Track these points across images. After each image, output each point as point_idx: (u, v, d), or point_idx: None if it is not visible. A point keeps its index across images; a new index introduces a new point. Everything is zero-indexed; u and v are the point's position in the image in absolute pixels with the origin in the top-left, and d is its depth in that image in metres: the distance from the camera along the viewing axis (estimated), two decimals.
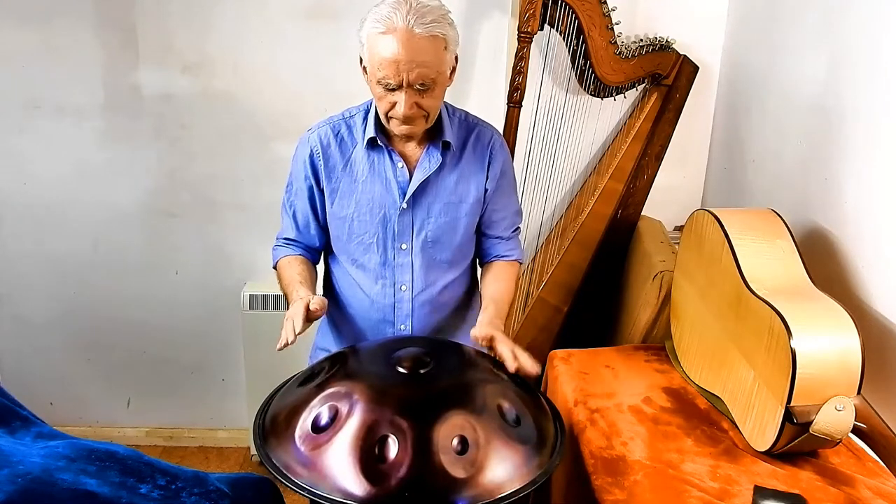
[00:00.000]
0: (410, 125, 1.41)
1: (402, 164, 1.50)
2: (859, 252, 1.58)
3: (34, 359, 2.58)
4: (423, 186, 1.50)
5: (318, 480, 1.07)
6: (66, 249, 2.46)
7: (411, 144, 1.51)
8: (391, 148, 1.50)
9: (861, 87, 1.59)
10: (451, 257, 1.57)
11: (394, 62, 1.32)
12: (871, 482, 1.32)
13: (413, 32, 1.31)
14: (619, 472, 1.36)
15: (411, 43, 1.31)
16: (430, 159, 1.50)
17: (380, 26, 1.33)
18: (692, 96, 2.29)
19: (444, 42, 1.36)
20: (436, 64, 1.35)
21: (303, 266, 1.55)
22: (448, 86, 1.44)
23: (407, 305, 1.56)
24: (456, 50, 1.41)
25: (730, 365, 1.51)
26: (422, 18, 1.32)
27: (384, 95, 1.38)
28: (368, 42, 1.36)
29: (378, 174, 1.50)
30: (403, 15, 1.31)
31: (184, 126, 2.35)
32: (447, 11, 1.38)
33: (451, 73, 1.43)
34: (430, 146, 1.50)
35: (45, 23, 2.23)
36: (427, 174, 1.49)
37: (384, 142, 1.49)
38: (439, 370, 1.22)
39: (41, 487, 1.02)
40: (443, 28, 1.35)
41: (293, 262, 1.55)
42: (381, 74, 1.34)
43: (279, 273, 1.57)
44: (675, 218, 2.39)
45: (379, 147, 1.49)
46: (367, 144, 1.49)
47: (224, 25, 2.25)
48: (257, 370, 2.45)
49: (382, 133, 1.49)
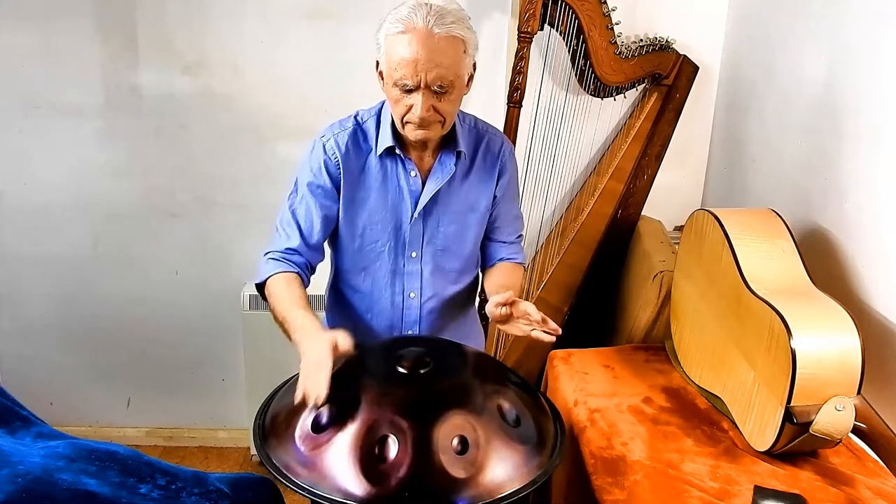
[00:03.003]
0: (426, 130, 1.39)
1: (416, 172, 1.48)
2: (859, 252, 1.58)
3: (34, 359, 2.58)
4: (434, 196, 1.48)
5: (318, 480, 1.07)
6: (66, 249, 2.46)
7: (425, 153, 1.49)
8: (406, 157, 1.47)
9: (861, 86, 1.59)
10: (460, 265, 1.56)
11: (412, 62, 1.30)
12: (871, 482, 1.32)
13: (432, 32, 1.30)
14: (619, 472, 1.36)
15: (430, 42, 1.30)
16: (443, 169, 1.48)
17: (399, 26, 1.31)
18: (692, 96, 2.29)
19: (463, 44, 1.34)
20: (454, 66, 1.33)
21: (301, 289, 1.42)
22: (465, 94, 1.42)
23: (415, 312, 1.55)
24: (475, 55, 1.39)
25: (730, 365, 1.51)
26: (441, 19, 1.31)
27: (401, 98, 1.36)
28: (386, 43, 1.34)
29: (391, 182, 1.48)
30: (423, 16, 1.30)
31: (184, 126, 2.35)
32: (467, 16, 1.37)
33: (468, 80, 1.40)
34: (442, 155, 1.48)
35: (45, 23, 2.23)
36: (440, 184, 1.48)
37: (400, 150, 1.46)
38: (439, 370, 1.22)
39: (41, 487, 1.02)
40: (462, 30, 1.33)
41: (293, 282, 1.42)
42: (399, 75, 1.32)
43: (271, 290, 1.42)
44: (675, 218, 2.39)
45: (393, 155, 1.47)
46: (382, 153, 1.46)
47: (224, 25, 2.25)
48: (257, 370, 2.44)
49: (397, 141, 1.46)
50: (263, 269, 1.47)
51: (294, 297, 1.38)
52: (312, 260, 1.50)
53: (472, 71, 1.41)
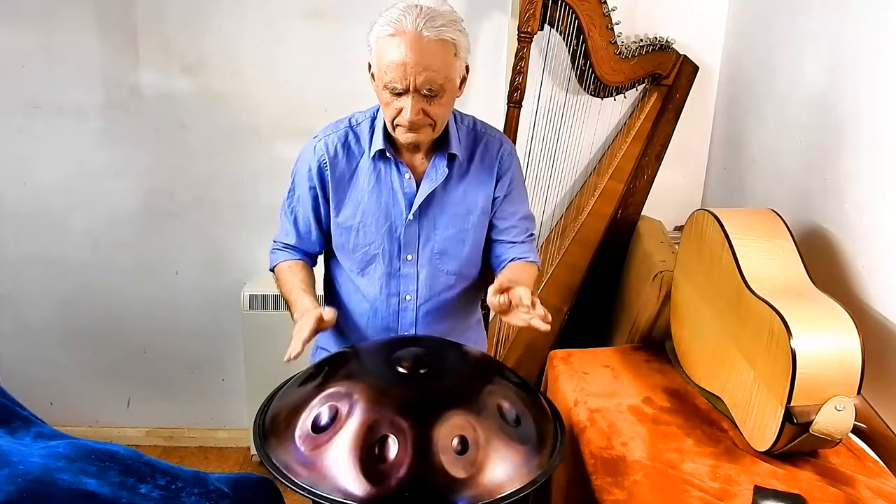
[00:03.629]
0: (416, 133, 1.38)
1: (410, 175, 1.47)
2: (859, 252, 1.58)
3: (34, 359, 2.59)
4: (429, 198, 1.48)
5: (318, 480, 1.06)
6: (66, 249, 2.46)
7: (418, 155, 1.48)
8: (399, 159, 1.47)
9: (861, 86, 1.59)
10: (458, 268, 1.55)
11: (401, 65, 1.30)
12: (871, 482, 1.32)
13: (422, 35, 1.29)
14: (619, 472, 1.36)
15: (419, 46, 1.29)
16: (436, 171, 1.47)
17: (389, 29, 1.31)
18: (692, 96, 2.29)
19: (453, 48, 1.33)
20: (444, 69, 1.33)
21: (304, 272, 1.54)
22: (458, 96, 1.41)
23: (411, 314, 1.55)
24: (467, 58, 1.39)
25: (730, 365, 1.51)
26: (432, 22, 1.30)
27: (391, 101, 1.36)
28: (377, 45, 1.34)
29: (385, 185, 1.48)
30: (413, 18, 1.30)
31: (184, 126, 2.35)
32: (459, 19, 1.36)
33: (461, 83, 1.40)
34: (436, 157, 1.48)
35: (45, 23, 2.23)
36: (433, 186, 1.47)
37: (392, 153, 1.46)
38: (439, 370, 1.22)
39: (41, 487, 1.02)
40: (453, 34, 1.33)
41: (294, 268, 1.54)
42: (389, 78, 1.32)
43: (279, 277, 1.56)
44: (675, 218, 2.39)
45: (386, 157, 1.47)
46: (375, 155, 1.47)
47: (224, 25, 2.25)
48: (257, 370, 2.44)
49: (390, 144, 1.46)
50: (271, 259, 1.60)
51: (296, 281, 1.50)
52: (311, 252, 1.60)
53: (465, 73, 1.41)
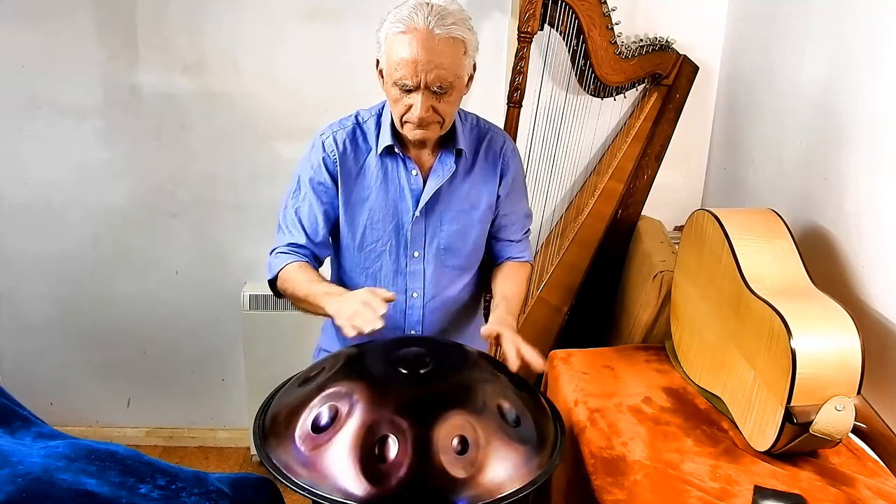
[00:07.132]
0: (425, 130, 1.39)
1: (417, 171, 1.48)
2: (859, 252, 1.58)
3: (34, 359, 2.59)
4: (435, 194, 1.49)
5: (318, 480, 1.06)
6: (66, 249, 2.46)
7: (425, 151, 1.49)
8: (406, 155, 1.48)
9: (861, 86, 1.59)
10: (463, 263, 1.56)
11: (412, 62, 1.31)
12: (871, 482, 1.32)
13: (433, 33, 1.31)
14: (619, 472, 1.36)
15: (430, 43, 1.31)
16: (443, 167, 1.48)
17: (399, 26, 1.32)
18: (692, 96, 2.29)
19: (463, 46, 1.35)
20: (454, 67, 1.34)
21: (315, 272, 1.46)
22: (465, 94, 1.42)
23: (418, 312, 1.55)
24: (475, 56, 1.40)
25: (730, 365, 1.51)
26: (442, 20, 1.31)
27: (400, 98, 1.36)
28: (387, 42, 1.35)
29: (392, 181, 1.49)
30: (424, 16, 1.31)
31: (184, 126, 2.35)
32: (468, 17, 1.37)
33: (468, 80, 1.41)
34: (442, 153, 1.49)
35: (46, 23, 2.23)
36: (441, 182, 1.48)
37: (399, 149, 1.47)
38: (439, 370, 1.22)
39: (41, 487, 1.02)
40: (463, 32, 1.34)
41: (305, 266, 1.46)
42: (399, 75, 1.33)
43: (289, 277, 1.45)
44: (675, 218, 2.39)
45: (393, 154, 1.48)
46: (382, 152, 1.47)
47: (224, 25, 2.25)
48: (257, 370, 2.45)
49: (397, 140, 1.47)
50: (273, 264, 1.49)
51: (312, 277, 1.42)
52: (319, 254, 1.53)
53: (473, 71, 1.42)
